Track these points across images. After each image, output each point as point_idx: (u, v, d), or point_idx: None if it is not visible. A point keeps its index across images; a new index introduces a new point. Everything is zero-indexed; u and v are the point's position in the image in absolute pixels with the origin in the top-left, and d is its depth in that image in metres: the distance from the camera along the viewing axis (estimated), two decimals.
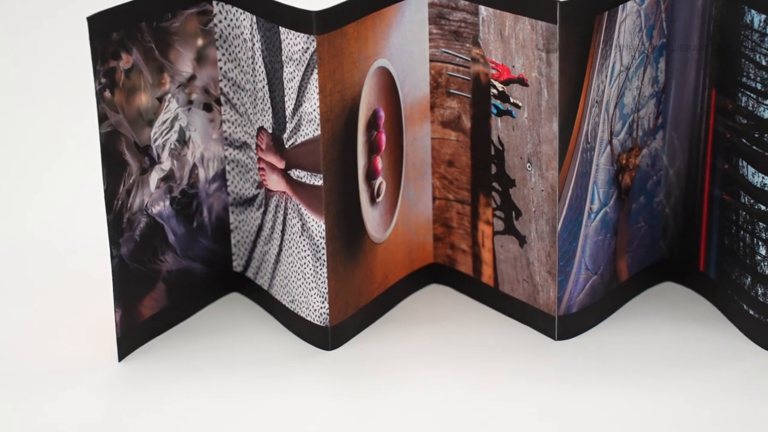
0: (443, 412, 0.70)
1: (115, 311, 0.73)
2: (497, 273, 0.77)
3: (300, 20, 0.69)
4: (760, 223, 0.71)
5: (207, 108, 0.76)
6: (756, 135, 0.70)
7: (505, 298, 0.77)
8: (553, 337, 0.75)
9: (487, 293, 0.78)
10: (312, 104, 0.71)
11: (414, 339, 0.76)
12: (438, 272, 0.80)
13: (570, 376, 0.72)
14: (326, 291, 0.74)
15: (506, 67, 0.73)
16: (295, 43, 0.71)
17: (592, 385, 0.71)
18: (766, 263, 0.71)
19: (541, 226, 0.74)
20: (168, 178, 0.75)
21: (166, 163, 0.75)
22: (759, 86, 0.69)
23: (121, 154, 0.72)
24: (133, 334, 0.75)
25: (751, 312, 0.73)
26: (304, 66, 0.71)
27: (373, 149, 0.75)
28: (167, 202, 0.75)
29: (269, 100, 0.73)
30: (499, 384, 0.72)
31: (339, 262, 0.74)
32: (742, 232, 0.72)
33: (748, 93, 0.70)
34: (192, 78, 0.74)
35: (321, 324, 0.75)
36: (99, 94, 0.70)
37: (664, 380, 0.71)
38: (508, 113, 0.74)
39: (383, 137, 0.75)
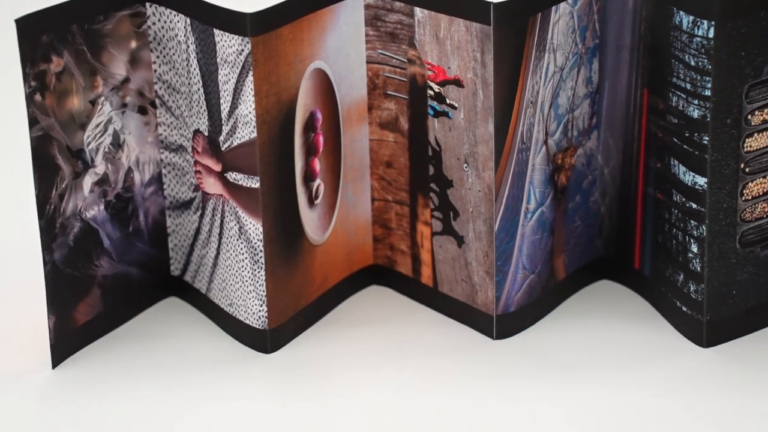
0: (384, 414, 0.70)
1: (48, 317, 0.72)
2: (436, 273, 0.78)
3: (234, 22, 0.69)
4: (692, 221, 0.72)
5: (142, 111, 0.75)
6: (686, 134, 0.71)
7: (444, 298, 0.78)
8: (491, 337, 0.76)
9: (427, 294, 0.79)
10: (248, 106, 0.71)
11: (354, 341, 0.76)
12: (377, 273, 0.80)
13: (508, 374, 0.72)
14: (264, 294, 0.74)
15: (442, 69, 0.73)
16: (229, 45, 0.70)
17: (530, 384, 0.72)
18: (697, 260, 0.72)
19: (478, 226, 0.75)
20: (102, 182, 0.74)
21: (100, 167, 0.74)
22: (688, 86, 0.70)
23: (53, 158, 0.71)
24: (67, 341, 0.74)
25: (684, 308, 0.74)
26: (239, 68, 0.70)
27: (310, 151, 0.75)
28: (102, 207, 0.74)
29: (205, 103, 0.73)
30: (438, 384, 0.72)
31: (277, 264, 0.74)
32: (674, 230, 0.73)
33: (679, 93, 0.71)
34: (126, 81, 0.74)
35: (259, 327, 0.75)
36: (29, 98, 0.69)
37: (600, 377, 0.72)
38: (445, 114, 0.74)
39: (321, 139, 0.75)
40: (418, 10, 0.73)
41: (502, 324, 0.75)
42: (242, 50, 0.70)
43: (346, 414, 0.70)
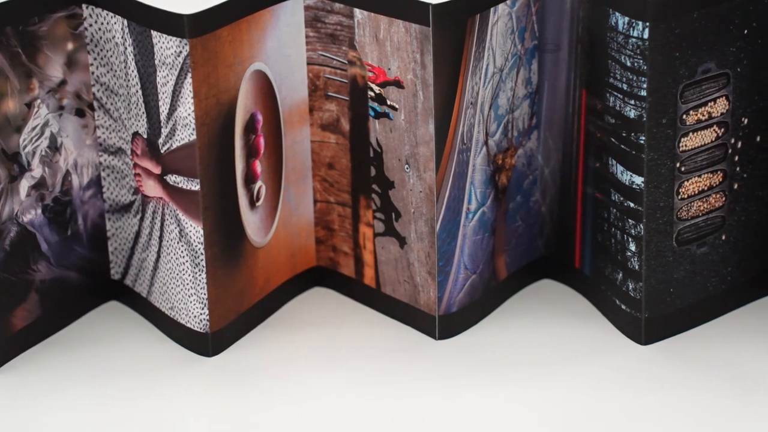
0: (327, 416, 0.70)
1: None
2: (379, 274, 0.78)
3: (172, 24, 0.69)
4: (630, 220, 0.73)
5: (79, 113, 0.74)
6: (623, 134, 0.72)
7: (387, 299, 0.78)
8: (434, 337, 0.76)
9: (370, 295, 0.79)
10: (187, 108, 0.70)
11: (297, 343, 0.76)
12: (320, 275, 0.80)
13: (452, 374, 0.73)
14: (206, 297, 0.73)
15: (382, 70, 0.73)
16: (167, 47, 0.70)
17: (473, 383, 0.72)
18: (635, 259, 0.73)
19: (420, 227, 0.75)
20: (39, 185, 0.73)
21: (37, 171, 0.73)
22: (625, 86, 0.71)
23: None
24: (4, 346, 0.73)
25: (623, 307, 0.75)
26: (178, 70, 0.70)
27: (251, 153, 0.75)
28: (39, 210, 0.73)
29: (143, 105, 0.72)
30: (382, 384, 0.72)
31: (218, 267, 0.74)
32: (613, 229, 0.74)
33: (615, 93, 0.71)
34: (62, 83, 0.73)
35: (201, 330, 0.74)
36: None
37: (542, 375, 0.72)
38: (386, 115, 0.74)
39: (261, 141, 0.75)
40: (357, 12, 0.73)
41: (444, 324, 0.76)
42: (180, 52, 0.69)
43: (289, 417, 0.69)
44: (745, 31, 0.70)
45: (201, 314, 0.74)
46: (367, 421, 0.69)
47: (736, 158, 0.73)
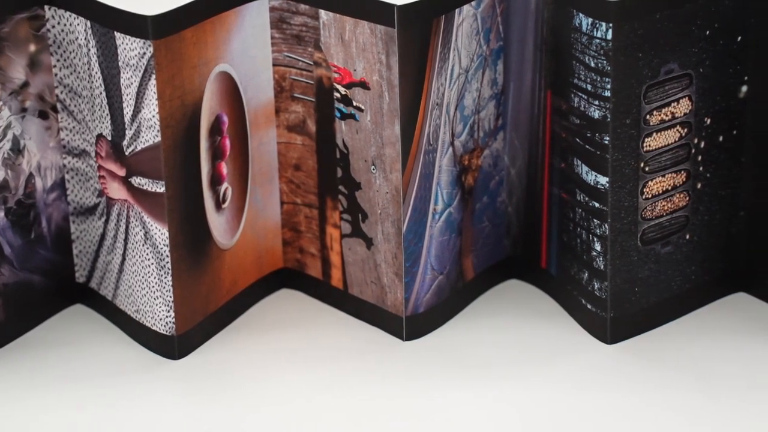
0: (296, 417, 0.69)
1: None
2: (346, 276, 0.78)
3: (135, 25, 0.68)
4: (595, 220, 0.73)
5: (43, 115, 0.74)
6: (588, 134, 0.72)
7: (354, 300, 0.78)
8: (401, 338, 0.76)
9: (337, 296, 0.79)
10: (151, 110, 0.70)
11: (264, 345, 0.75)
12: (288, 277, 0.80)
13: (419, 375, 0.73)
14: (171, 299, 0.73)
15: (348, 71, 0.73)
16: (131, 48, 0.69)
17: (441, 383, 0.72)
18: (600, 258, 0.73)
19: (387, 228, 0.75)
20: (2, 188, 0.73)
21: (0, 173, 0.72)
22: (589, 87, 0.71)
23: None
24: None
25: (589, 306, 0.75)
26: (142, 71, 0.69)
27: (217, 155, 0.74)
28: (2, 213, 0.73)
29: (107, 107, 0.72)
30: (350, 386, 0.72)
31: (184, 269, 0.73)
32: (578, 229, 0.75)
33: (580, 94, 0.72)
34: (25, 85, 0.72)
35: (167, 333, 0.74)
36: None
37: (510, 375, 0.72)
38: (352, 116, 0.74)
39: (227, 142, 0.75)
40: (323, 13, 0.73)
41: (411, 325, 0.76)
42: (144, 53, 0.69)
43: (256, 419, 0.69)
44: (707, 33, 0.71)
45: (167, 317, 0.73)
46: (336, 422, 0.69)
47: (700, 158, 0.74)
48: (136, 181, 0.72)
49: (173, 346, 0.74)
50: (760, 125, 0.73)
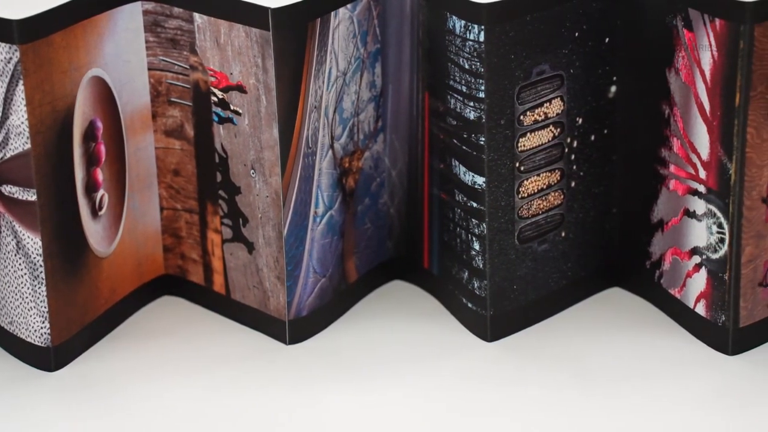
0: (180, 426, 0.69)
1: None
2: (228, 281, 0.77)
3: (1, 29, 0.66)
4: (473, 220, 0.74)
5: None
6: (465, 135, 0.73)
7: (237, 305, 0.77)
8: (284, 342, 0.76)
9: (220, 302, 0.78)
10: (20, 116, 0.68)
11: (146, 353, 0.74)
12: (169, 283, 0.79)
13: (303, 378, 0.73)
14: (46, 310, 0.71)
15: (224, 75, 0.72)
16: None
17: (325, 386, 0.72)
18: (479, 258, 0.74)
19: (267, 232, 0.74)
20: None
21: None
22: (464, 89, 0.72)
23: None
24: None
25: (470, 305, 0.76)
26: (9, 77, 0.68)
27: (92, 161, 0.73)
28: None
29: None
30: (234, 392, 0.71)
31: (59, 279, 0.72)
32: (458, 229, 0.75)
33: (456, 96, 0.73)
34: None
35: (42, 345, 0.72)
36: None
37: (393, 375, 0.73)
38: (230, 120, 0.74)
39: (102, 148, 0.74)
40: (197, 16, 0.72)
41: (294, 328, 0.75)
42: (11, 58, 0.67)
43: (141, 429, 0.68)
44: (576, 34, 0.72)
45: (42, 328, 0.72)
46: (220, 428, 0.68)
47: (573, 157, 0.75)
48: (7, 189, 0.70)
49: (49, 358, 0.72)
50: (629, 124, 0.75)
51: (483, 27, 0.69)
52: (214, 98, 0.73)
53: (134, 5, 0.72)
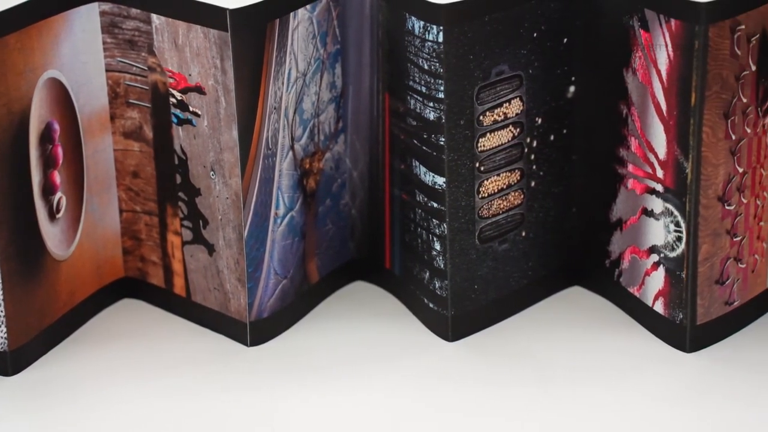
0: (141, 429, 0.68)
1: None
2: (189, 283, 0.77)
3: None
4: (434, 220, 0.74)
5: None
6: (425, 136, 0.73)
7: (198, 307, 0.77)
8: (246, 344, 0.75)
9: (180, 304, 0.77)
10: None
11: (105, 356, 0.74)
12: (129, 286, 0.79)
13: (264, 380, 0.72)
14: (3, 314, 0.70)
15: (183, 76, 0.72)
16: None
17: (287, 387, 0.72)
18: (440, 258, 0.74)
19: (228, 233, 0.74)
20: None
21: None
22: (424, 89, 0.72)
23: None
24: None
25: (431, 305, 0.76)
26: None
27: (49, 163, 0.72)
28: None
29: None
30: (194, 394, 0.71)
31: (16, 282, 0.71)
32: (419, 229, 0.76)
33: (416, 96, 0.73)
34: None
35: None
36: None
37: (355, 376, 0.73)
38: (189, 122, 0.73)
39: (59, 151, 0.73)
40: (155, 17, 0.71)
41: (256, 330, 0.75)
42: None
43: None
44: (535, 35, 0.73)
45: None
46: (182, 431, 0.68)
47: (533, 157, 0.76)
48: None
49: (6, 363, 0.71)
50: (588, 124, 0.76)
51: (441, 28, 0.70)
52: (173, 99, 0.73)
53: (91, 6, 0.72)
